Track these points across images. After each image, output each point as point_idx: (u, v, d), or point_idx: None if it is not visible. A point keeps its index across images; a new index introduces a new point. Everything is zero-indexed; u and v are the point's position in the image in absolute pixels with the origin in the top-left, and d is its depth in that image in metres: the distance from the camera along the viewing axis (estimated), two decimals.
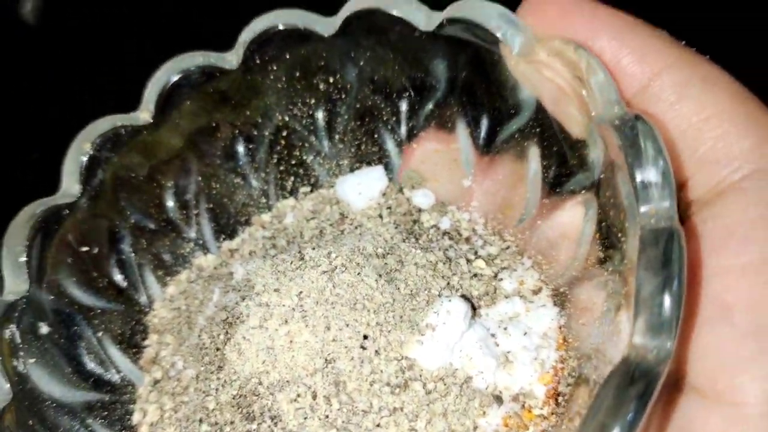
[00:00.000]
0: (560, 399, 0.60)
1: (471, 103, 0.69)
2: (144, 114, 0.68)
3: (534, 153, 0.66)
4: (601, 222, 0.58)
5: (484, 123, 0.69)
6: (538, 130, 0.65)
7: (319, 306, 0.60)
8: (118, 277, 0.70)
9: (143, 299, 0.71)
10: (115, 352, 0.67)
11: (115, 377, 0.66)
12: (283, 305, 0.61)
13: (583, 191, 0.61)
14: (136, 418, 0.65)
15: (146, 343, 0.70)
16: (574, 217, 0.62)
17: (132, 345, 0.69)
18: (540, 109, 0.64)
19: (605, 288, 0.57)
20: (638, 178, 0.49)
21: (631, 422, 0.43)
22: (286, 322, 0.60)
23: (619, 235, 0.54)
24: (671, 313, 0.44)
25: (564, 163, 0.63)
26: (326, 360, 0.59)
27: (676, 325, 0.44)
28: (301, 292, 0.61)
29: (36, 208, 0.63)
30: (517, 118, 0.66)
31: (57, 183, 0.65)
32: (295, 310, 0.60)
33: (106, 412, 0.63)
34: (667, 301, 0.45)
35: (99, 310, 0.67)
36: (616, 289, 0.55)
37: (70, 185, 0.65)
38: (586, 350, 0.59)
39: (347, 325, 0.60)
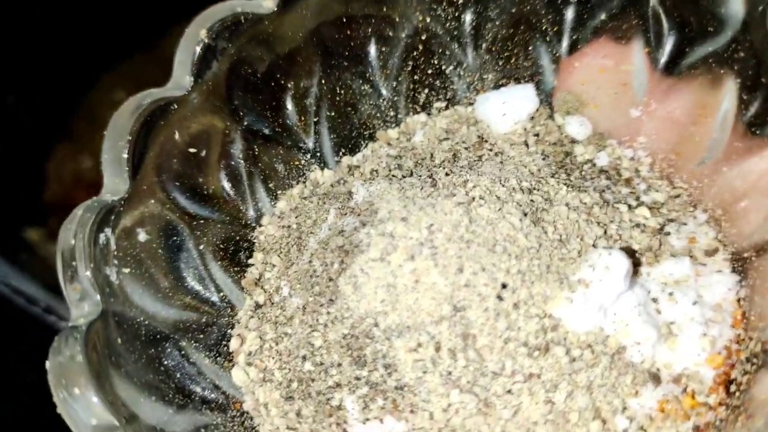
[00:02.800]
0: (733, 388, 0.50)
1: (655, 15, 0.57)
2: (268, 1, 0.59)
3: (730, 85, 0.54)
4: None
5: (670, 42, 0.58)
6: (741, 55, 0.53)
7: (452, 243, 0.51)
8: (226, 185, 0.62)
9: (251, 213, 0.64)
10: (216, 269, 0.60)
11: (215, 296, 0.60)
12: (411, 238, 0.52)
13: None
14: (233, 344, 0.59)
15: (250, 261, 0.63)
16: None
17: (235, 262, 0.62)
18: (746, 29, 0.52)
19: None
20: None
21: None
22: (413, 258, 0.51)
23: None
24: None
25: None
26: (455, 307, 0.50)
27: None
28: (432, 225, 0.52)
29: (143, 99, 0.56)
30: (715, 37, 0.54)
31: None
32: (423, 245, 0.51)
33: (201, 335, 0.57)
34: None
35: (203, 220, 0.60)
36: None
37: (181, 76, 0.57)
38: None
39: (483, 270, 0.50)
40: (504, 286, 0.50)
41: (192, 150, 0.59)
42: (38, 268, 0.95)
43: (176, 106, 0.57)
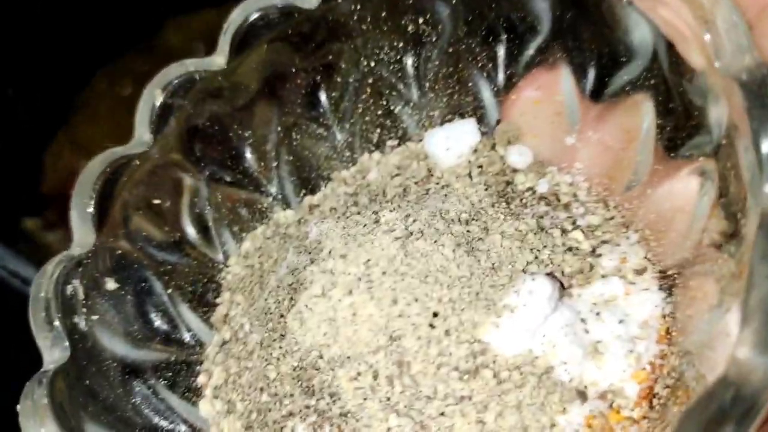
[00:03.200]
0: (655, 402, 0.52)
1: (577, 47, 0.60)
2: (218, 58, 0.64)
3: (648, 108, 0.57)
4: (720, 196, 0.48)
5: (592, 71, 0.60)
6: (653, 81, 0.55)
7: (387, 277, 0.55)
8: (192, 232, 0.67)
9: (218, 255, 0.68)
10: (185, 310, 0.65)
11: (185, 335, 0.64)
12: (349, 274, 0.55)
13: (701, 158, 0.51)
14: (201, 379, 0.63)
15: (218, 300, 0.67)
16: (690, 187, 0.53)
17: (203, 303, 0.66)
18: (656, 57, 0.54)
19: (719, 276, 0.48)
20: (764, 149, 0.40)
21: None
22: (351, 292, 0.55)
23: (739, 215, 0.44)
24: None
25: (682, 122, 0.53)
26: (391, 337, 0.53)
27: None
28: (369, 260, 0.56)
29: (106, 158, 0.61)
30: (629, 66, 0.57)
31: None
32: (361, 280, 0.55)
33: (170, 373, 0.61)
34: None
35: (170, 266, 0.64)
36: (730, 281, 0.45)
37: (141, 134, 0.62)
38: (689, 348, 0.50)
39: (416, 300, 0.54)
40: (435, 314, 0.53)
41: (156, 201, 0.64)
42: (34, 253, 0.98)
43: (138, 162, 0.62)
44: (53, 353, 0.55)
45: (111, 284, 0.60)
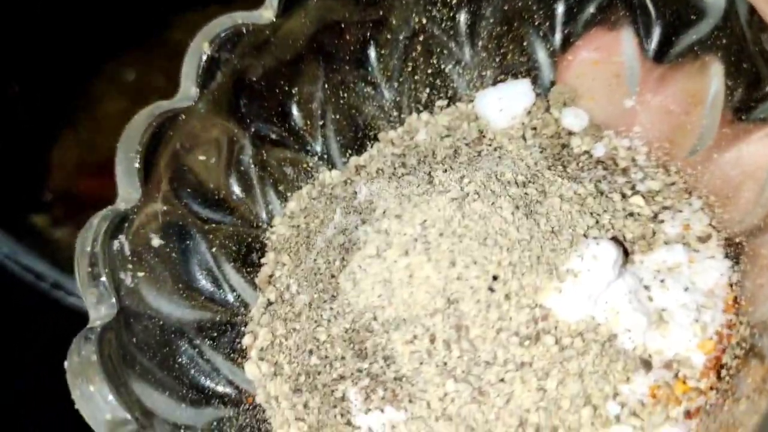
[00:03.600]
0: (723, 372, 0.50)
1: (641, 5, 0.58)
2: (267, 11, 0.61)
3: (717, 70, 0.55)
4: None
5: (657, 30, 0.58)
6: (724, 41, 0.53)
7: (445, 238, 0.53)
8: (237, 190, 0.65)
9: (262, 215, 0.67)
10: (229, 270, 0.63)
11: (229, 296, 0.63)
12: (405, 234, 0.54)
13: None
14: (246, 340, 0.61)
15: (263, 261, 0.65)
16: (762, 152, 0.51)
17: (248, 263, 0.65)
18: (729, 16, 0.52)
19: None
20: None
21: None
22: (407, 253, 0.53)
23: None
24: None
25: (756, 84, 0.51)
26: (448, 300, 0.52)
27: None
28: (425, 221, 0.54)
29: (152, 111, 0.59)
30: (698, 25, 0.55)
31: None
32: (417, 241, 0.53)
33: (215, 333, 0.60)
34: None
35: (215, 224, 0.63)
36: None
37: (187, 88, 0.60)
38: (762, 318, 0.48)
39: (475, 263, 0.52)
40: (495, 278, 0.52)
41: (202, 157, 0.62)
42: (45, 248, 0.96)
43: (184, 117, 0.60)
44: (99, 310, 0.53)
45: (156, 241, 0.59)
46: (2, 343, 0.81)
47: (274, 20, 0.61)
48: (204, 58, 0.60)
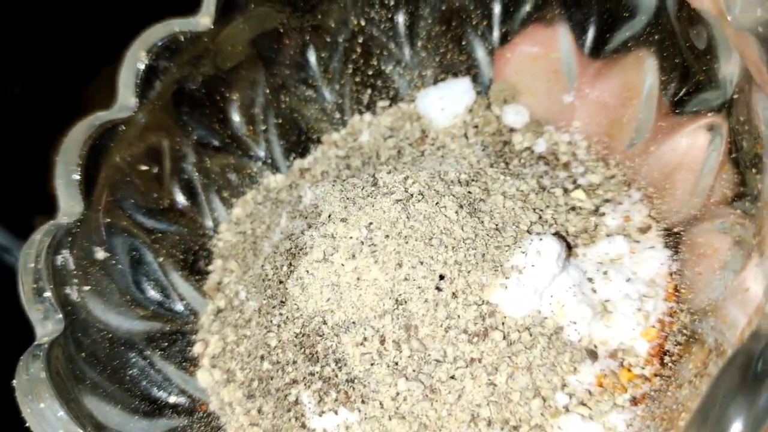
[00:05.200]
0: (667, 359, 0.52)
1: (576, 3, 0.59)
2: (204, 18, 0.61)
3: (650, 65, 0.56)
4: (731, 152, 0.48)
5: (592, 27, 0.60)
6: (656, 37, 0.55)
7: (391, 240, 0.53)
8: (181, 198, 0.65)
9: (208, 222, 0.66)
10: (177, 279, 0.63)
11: (178, 305, 0.62)
12: (351, 237, 0.54)
13: (710, 113, 0.51)
14: (197, 348, 0.61)
15: (210, 268, 0.65)
16: (697, 143, 0.52)
17: (195, 271, 0.64)
18: (660, 12, 0.53)
19: (731, 232, 0.48)
20: None
21: (763, 414, 0.34)
22: (354, 256, 0.53)
23: (754, 170, 0.44)
24: None
25: (687, 77, 0.53)
26: (397, 301, 0.52)
27: None
28: (371, 223, 0.54)
29: (91, 122, 0.58)
30: (631, 21, 0.56)
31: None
32: (363, 244, 0.54)
33: (166, 343, 0.60)
34: None
35: (160, 234, 0.62)
36: (744, 236, 0.45)
37: (126, 98, 0.60)
38: (701, 304, 0.50)
39: (421, 263, 0.52)
40: (442, 277, 0.52)
41: (143, 167, 0.62)
42: None
43: (124, 127, 0.59)
44: (46, 326, 0.52)
45: (101, 253, 0.58)
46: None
47: (212, 27, 0.61)
48: (142, 67, 0.60)
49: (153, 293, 0.61)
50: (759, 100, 0.42)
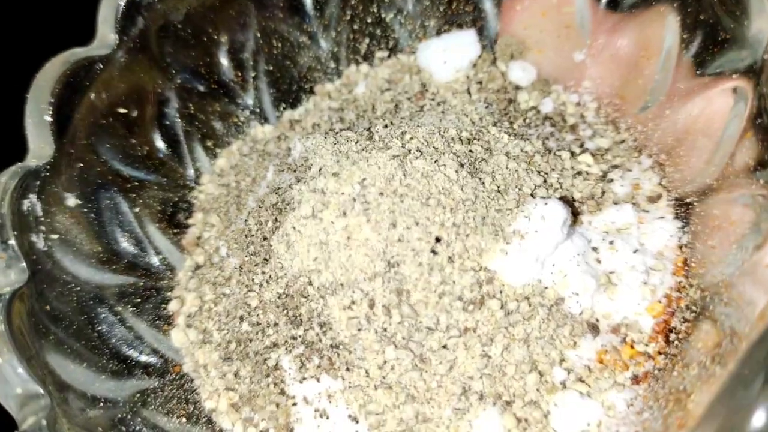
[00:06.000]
0: (672, 336, 0.49)
1: None
2: None
3: (672, 21, 0.52)
4: (757, 118, 0.44)
5: None
6: None
7: (385, 198, 0.49)
8: (161, 145, 0.61)
9: (189, 172, 0.62)
10: (154, 231, 0.59)
11: (154, 259, 0.59)
12: (342, 193, 0.50)
13: (734, 75, 0.47)
14: (172, 306, 0.58)
15: (190, 222, 0.61)
16: (718, 107, 0.49)
17: (174, 224, 0.61)
18: None
19: (752, 205, 0.44)
20: None
21: None
22: (345, 214, 0.49)
23: None
24: None
25: (713, 36, 0.49)
26: (389, 263, 0.49)
27: None
28: (364, 179, 0.50)
29: (67, 58, 0.54)
30: None
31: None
32: (355, 201, 0.50)
33: (139, 299, 0.56)
34: None
35: (137, 182, 0.58)
36: (766, 207, 0.42)
37: (105, 34, 0.56)
38: (714, 280, 0.46)
39: (417, 224, 0.49)
40: (438, 239, 0.49)
41: (122, 110, 0.58)
42: None
43: (102, 66, 0.55)
44: (8, 275, 0.49)
45: (72, 200, 0.54)
46: None
47: None
48: (122, 1, 0.55)
49: (127, 245, 0.57)
50: None
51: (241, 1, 0.61)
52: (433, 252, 0.49)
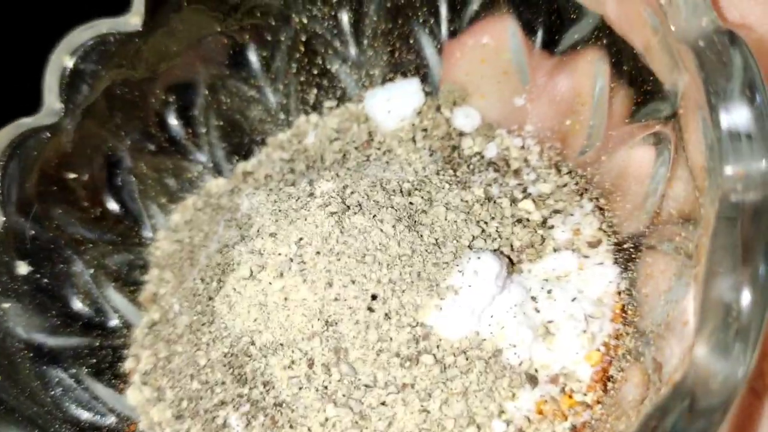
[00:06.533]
0: (609, 385, 0.49)
1: (524, 2, 0.55)
2: (134, 18, 0.58)
3: (601, 69, 0.52)
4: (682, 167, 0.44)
5: (541, 27, 0.55)
6: (605, 41, 0.51)
7: (322, 257, 0.50)
8: (115, 206, 0.62)
9: (145, 230, 0.63)
10: (111, 291, 0.60)
11: (111, 319, 0.60)
12: (279, 254, 0.51)
13: (658, 125, 0.47)
14: (128, 364, 0.58)
15: (146, 278, 0.62)
16: (645, 155, 0.49)
17: (130, 282, 0.61)
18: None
19: (676, 256, 0.44)
20: (724, 123, 0.36)
21: None
22: (282, 275, 0.50)
23: (697, 193, 0.41)
24: (750, 327, 0.32)
25: (637, 84, 0.49)
26: (326, 322, 0.49)
27: (754, 346, 0.32)
28: (301, 239, 0.51)
29: (13, 130, 0.55)
30: (579, 23, 0.53)
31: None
32: (292, 261, 0.50)
33: (94, 360, 0.57)
34: (746, 309, 0.32)
35: (92, 244, 0.60)
36: (687, 262, 0.42)
37: (51, 103, 0.57)
38: (645, 330, 0.47)
39: (353, 282, 0.49)
40: (374, 297, 0.49)
41: (72, 175, 0.59)
42: None
43: (49, 134, 0.56)
44: None
45: (23, 268, 0.55)
46: None
47: (142, 27, 0.58)
48: (67, 71, 0.56)
49: (82, 307, 0.58)
50: (699, 118, 0.38)
51: (187, 62, 0.62)
52: (370, 309, 0.49)
